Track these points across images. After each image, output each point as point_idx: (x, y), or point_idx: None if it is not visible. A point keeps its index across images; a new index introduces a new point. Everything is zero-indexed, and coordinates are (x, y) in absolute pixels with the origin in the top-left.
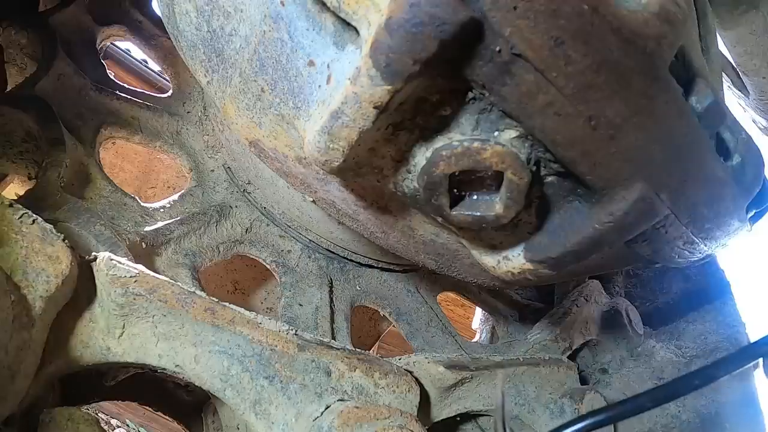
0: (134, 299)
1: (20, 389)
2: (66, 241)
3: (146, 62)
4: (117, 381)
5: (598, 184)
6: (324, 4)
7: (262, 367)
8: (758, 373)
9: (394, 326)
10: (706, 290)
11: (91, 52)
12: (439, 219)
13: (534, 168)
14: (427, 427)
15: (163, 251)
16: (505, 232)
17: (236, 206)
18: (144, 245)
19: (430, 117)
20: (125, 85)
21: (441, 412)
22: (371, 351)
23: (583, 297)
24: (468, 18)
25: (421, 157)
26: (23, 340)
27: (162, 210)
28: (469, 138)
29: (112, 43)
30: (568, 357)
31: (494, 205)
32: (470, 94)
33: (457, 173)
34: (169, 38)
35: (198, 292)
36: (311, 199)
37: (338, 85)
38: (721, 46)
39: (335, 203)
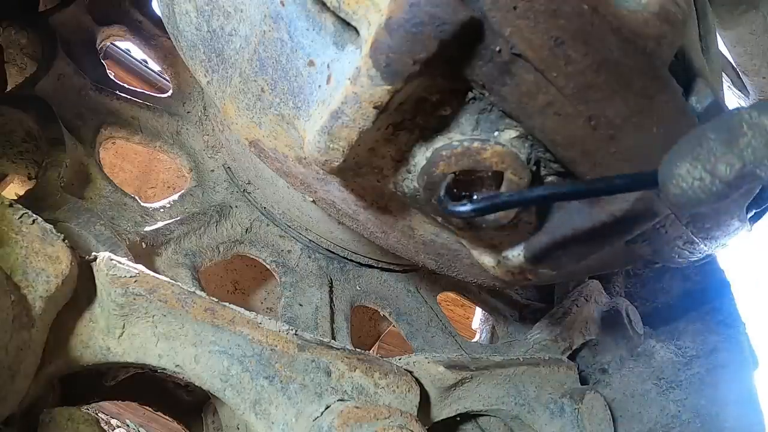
0: (134, 299)
1: (20, 389)
2: (66, 241)
3: (146, 62)
4: (117, 381)
5: None
6: (324, 4)
7: (262, 367)
8: (758, 373)
9: (394, 326)
10: (706, 290)
11: (91, 52)
12: (439, 219)
13: (534, 168)
14: (427, 427)
15: (163, 251)
16: (505, 232)
17: (236, 206)
18: (144, 245)
19: (430, 117)
20: (125, 85)
21: (441, 412)
22: (371, 351)
23: (583, 297)
24: (468, 18)
25: (421, 157)
26: (23, 340)
27: (162, 210)
28: (469, 138)
29: (112, 43)
30: (568, 357)
31: None
32: (470, 94)
33: (457, 173)
34: (169, 38)
35: (198, 292)
36: (311, 199)
37: (338, 85)
38: (721, 46)
39: (335, 203)
